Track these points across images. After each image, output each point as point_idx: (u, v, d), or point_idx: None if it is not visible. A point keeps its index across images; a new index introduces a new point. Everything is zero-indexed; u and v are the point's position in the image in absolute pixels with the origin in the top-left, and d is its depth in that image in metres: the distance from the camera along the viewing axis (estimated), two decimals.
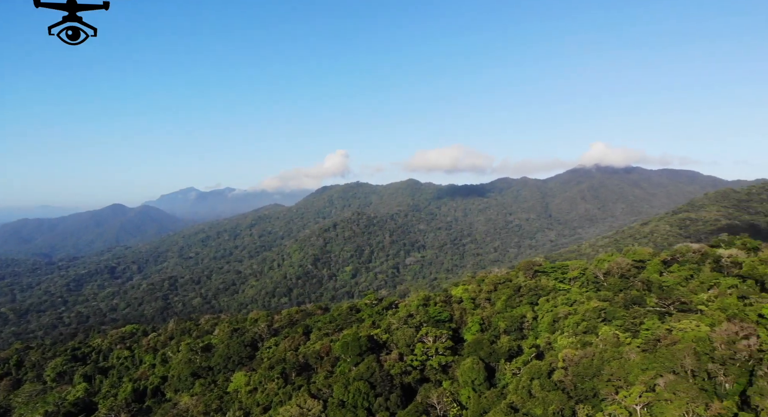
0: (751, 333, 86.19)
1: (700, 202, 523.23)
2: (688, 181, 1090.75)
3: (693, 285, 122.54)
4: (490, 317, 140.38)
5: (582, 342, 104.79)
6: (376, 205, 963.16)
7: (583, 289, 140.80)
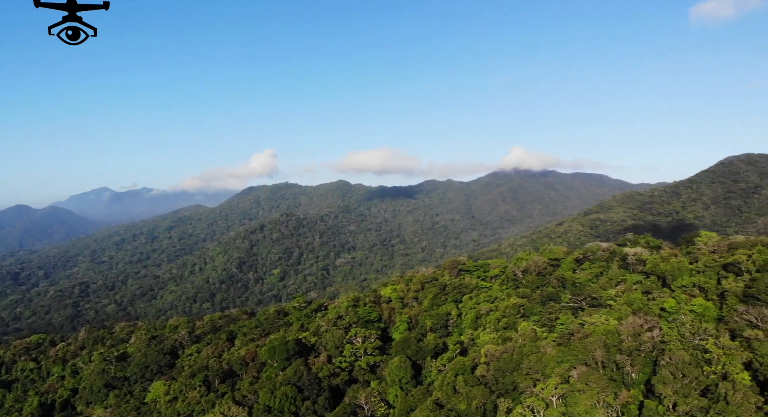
0: (654, 325, 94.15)
1: (608, 204, 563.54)
2: (598, 184, 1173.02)
3: (602, 281, 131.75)
4: (418, 316, 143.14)
5: (503, 337, 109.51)
6: (305, 207, 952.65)
7: (503, 286, 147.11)
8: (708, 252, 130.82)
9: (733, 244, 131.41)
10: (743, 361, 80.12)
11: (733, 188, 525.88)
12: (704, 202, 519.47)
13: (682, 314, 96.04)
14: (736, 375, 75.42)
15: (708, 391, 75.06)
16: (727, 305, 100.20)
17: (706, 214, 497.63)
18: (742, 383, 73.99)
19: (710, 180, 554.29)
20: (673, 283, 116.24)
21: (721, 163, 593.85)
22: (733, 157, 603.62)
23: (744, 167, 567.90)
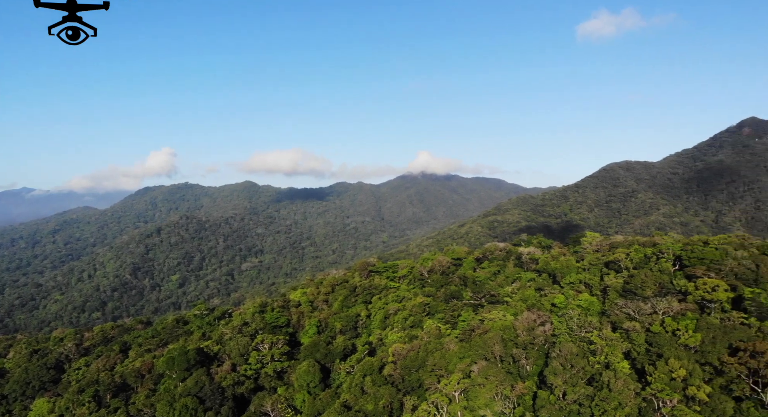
0: (546, 320, 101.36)
1: (505, 207, 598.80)
2: (496, 188, 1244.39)
3: (500, 279, 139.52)
4: (328, 318, 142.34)
5: (409, 336, 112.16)
6: (208, 208, 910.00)
7: (411, 286, 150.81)
8: (592, 251, 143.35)
9: (613, 244, 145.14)
10: (623, 350, 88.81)
11: (613, 192, 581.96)
12: (589, 205, 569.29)
13: (570, 309, 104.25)
14: (617, 364, 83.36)
15: (593, 380, 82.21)
16: (609, 300, 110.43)
17: (590, 215, 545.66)
18: (622, 371, 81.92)
19: (594, 185, 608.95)
20: (562, 280, 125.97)
21: (604, 169, 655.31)
22: (613, 163, 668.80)
23: (623, 173, 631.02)
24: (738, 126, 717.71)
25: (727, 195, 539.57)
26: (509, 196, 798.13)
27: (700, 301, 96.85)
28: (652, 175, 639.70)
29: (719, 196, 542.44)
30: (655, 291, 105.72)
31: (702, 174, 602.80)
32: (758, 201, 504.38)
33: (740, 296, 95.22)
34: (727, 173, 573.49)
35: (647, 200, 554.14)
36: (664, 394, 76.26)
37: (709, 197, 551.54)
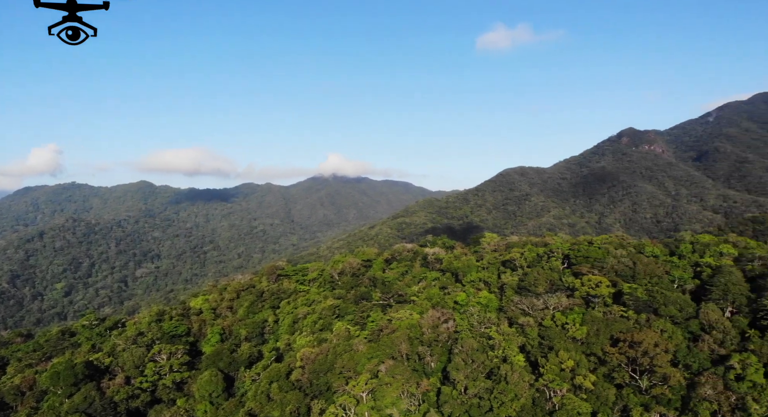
0: (449, 317, 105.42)
1: (413, 209, 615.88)
2: (404, 190, 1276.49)
3: (407, 279, 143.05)
4: (232, 326, 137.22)
5: (318, 339, 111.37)
6: (98, 210, 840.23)
7: (321, 288, 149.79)
8: (491, 251, 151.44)
9: (509, 244, 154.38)
10: (519, 344, 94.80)
11: (509, 196, 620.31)
12: (488, 207, 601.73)
13: (471, 306, 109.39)
14: (513, 357, 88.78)
15: (492, 374, 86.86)
16: (506, 296, 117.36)
17: (489, 217, 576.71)
18: (518, 364, 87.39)
19: (492, 188, 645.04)
20: (464, 278, 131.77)
21: (500, 174, 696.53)
22: (509, 169, 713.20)
23: (518, 178, 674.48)
24: (618, 135, 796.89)
25: (608, 198, 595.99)
26: (416, 199, 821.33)
27: (586, 297, 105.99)
28: (543, 180, 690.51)
29: (602, 200, 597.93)
30: (547, 288, 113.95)
31: (587, 179, 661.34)
32: (635, 204, 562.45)
33: (620, 291, 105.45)
34: (609, 178, 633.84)
35: (539, 203, 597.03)
36: (554, 384, 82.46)
37: (593, 200, 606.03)
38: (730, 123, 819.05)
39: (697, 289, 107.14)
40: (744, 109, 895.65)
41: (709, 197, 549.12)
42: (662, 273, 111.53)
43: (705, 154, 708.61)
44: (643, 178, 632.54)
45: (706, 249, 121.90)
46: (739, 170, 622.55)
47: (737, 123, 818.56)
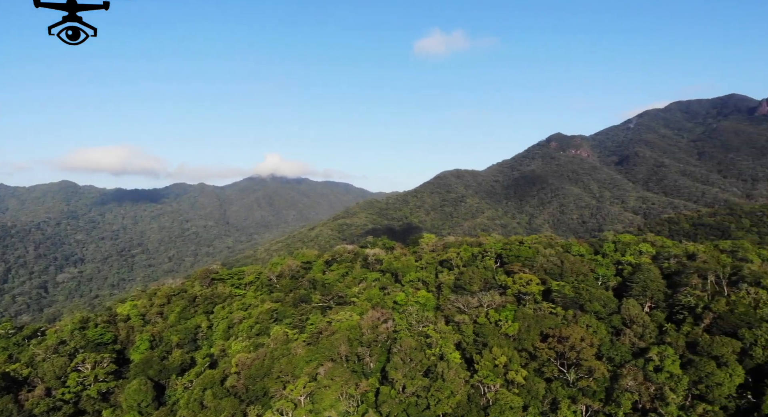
0: (388, 317, 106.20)
1: (353, 210, 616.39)
2: (344, 191, 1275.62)
3: (348, 280, 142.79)
4: (162, 332, 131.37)
5: (255, 344, 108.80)
6: (15, 212, 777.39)
7: (258, 292, 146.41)
8: (429, 251, 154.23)
9: (446, 244, 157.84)
10: (455, 342, 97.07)
11: (446, 197, 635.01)
12: (426, 208, 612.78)
13: (410, 305, 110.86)
14: (450, 355, 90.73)
15: (429, 372, 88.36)
16: (443, 295, 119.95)
17: (427, 218, 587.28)
18: (454, 362, 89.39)
19: (430, 190, 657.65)
20: (403, 278, 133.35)
21: (438, 176, 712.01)
22: (446, 171, 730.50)
23: (454, 180, 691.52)
24: (547, 140, 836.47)
25: (538, 200, 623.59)
26: (357, 200, 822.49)
27: (517, 294, 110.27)
28: (478, 183, 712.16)
29: (532, 201, 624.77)
30: (481, 286, 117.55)
31: (518, 182, 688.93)
32: (562, 205, 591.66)
33: (549, 289, 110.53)
34: (538, 181, 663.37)
35: (474, 205, 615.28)
36: (488, 379, 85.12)
37: (524, 202, 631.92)
38: (649, 129, 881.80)
39: (619, 285, 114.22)
40: (661, 116, 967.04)
41: (630, 199, 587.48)
42: (587, 271, 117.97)
43: (626, 158, 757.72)
44: (570, 180, 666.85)
45: (627, 248, 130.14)
46: (656, 174, 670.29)
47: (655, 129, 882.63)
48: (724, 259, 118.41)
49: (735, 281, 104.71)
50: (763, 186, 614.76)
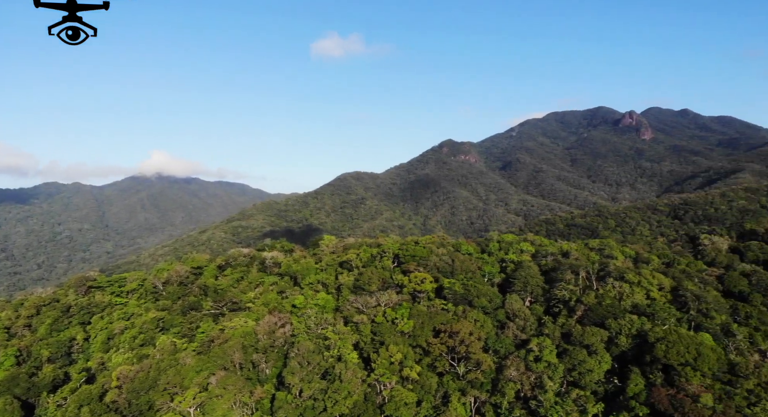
0: (286, 322, 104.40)
1: (249, 212, 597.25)
2: (240, 192, 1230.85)
3: (243, 285, 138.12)
4: (31, 346, 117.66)
5: (139, 356, 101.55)
6: None
7: (141, 300, 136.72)
8: (329, 253, 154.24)
9: (346, 246, 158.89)
10: (353, 342, 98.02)
11: (347, 199, 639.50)
12: (326, 210, 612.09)
13: (308, 308, 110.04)
14: (348, 355, 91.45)
15: (327, 374, 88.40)
16: (342, 296, 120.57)
17: (328, 220, 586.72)
18: (352, 362, 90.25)
19: (331, 192, 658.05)
20: (302, 281, 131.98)
21: (338, 178, 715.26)
22: (347, 173, 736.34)
23: (354, 182, 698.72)
24: (439, 146, 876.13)
25: (432, 202, 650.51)
26: (254, 202, 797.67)
27: (413, 292, 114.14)
28: (377, 185, 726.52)
29: (426, 204, 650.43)
30: (379, 286, 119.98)
31: (414, 185, 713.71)
32: (453, 207, 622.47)
33: (441, 286, 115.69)
34: (432, 184, 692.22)
35: (374, 206, 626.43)
36: (385, 377, 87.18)
37: (419, 204, 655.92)
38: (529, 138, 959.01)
39: (503, 282, 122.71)
40: (539, 125, 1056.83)
41: (512, 202, 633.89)
42: (475, 268, 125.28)
43: (509, 164, 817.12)
44: (460, 184, 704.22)
45: (510, 247, 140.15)
46: (535, 178, 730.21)
47: (534, 138, 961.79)
48: (593, 257, 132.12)
49: (602, 276, 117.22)
50: (625, 190, 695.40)
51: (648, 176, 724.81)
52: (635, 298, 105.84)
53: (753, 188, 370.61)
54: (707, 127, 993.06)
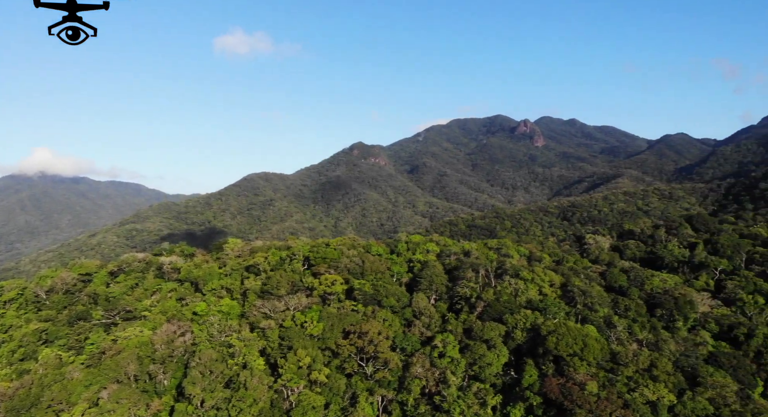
0: (186, 330, 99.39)
1: (145, 214, 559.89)
2: (135, 193, 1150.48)
3: (138, 293, 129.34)
4: None
5: (19, 371, 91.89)
6: None
7: (21, 311, 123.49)
8: (234, 256, 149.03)
9: (253, 249, 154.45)
10: (260, 348, 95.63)
11: (254, 201, 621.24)
12: (232, 212, 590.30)
13: (211, 315, 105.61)
14: (253, 362, 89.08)
15: (231, 382, 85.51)
16: (248, 302, 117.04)
17: (233, 222, 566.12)
18: (258, 369, 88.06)
19: (237, 193, 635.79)
20: (204, 287, 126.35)
21: (245, 178, 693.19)
22: (254, 174, 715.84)
23: (262, 183, 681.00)
24: (350, 148, 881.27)
25: (343, 204, 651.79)
26: (150, 203, 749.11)
27: (323, 295, 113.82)
28: (287, 186, 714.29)
29: (337, 205, 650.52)
30: (289, 289, 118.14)
31: (325, 187, 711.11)
32: (364, 209, 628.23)
33: (351, 287, 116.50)
34: (343, 186, 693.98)
35: (283, 208, 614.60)
36: (292, 382, 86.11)
37: (330, 206, 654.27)
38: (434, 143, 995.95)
39: (411, 281, 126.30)
40: (444, 131, 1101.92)
41: (419, 204, 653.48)
42: (385, 269, 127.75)
43: (416, 167, 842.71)
44: (371, 186, 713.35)
45: (417, 247, 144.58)
46: (440, 182, 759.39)
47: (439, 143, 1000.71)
48: (492, 256, 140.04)
49: (500, 274, 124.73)
50: (520, 193, 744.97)
51: (540, 180, 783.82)
52: (529, 294, 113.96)
53: (631, 192, 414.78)
54: (592, 136, 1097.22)
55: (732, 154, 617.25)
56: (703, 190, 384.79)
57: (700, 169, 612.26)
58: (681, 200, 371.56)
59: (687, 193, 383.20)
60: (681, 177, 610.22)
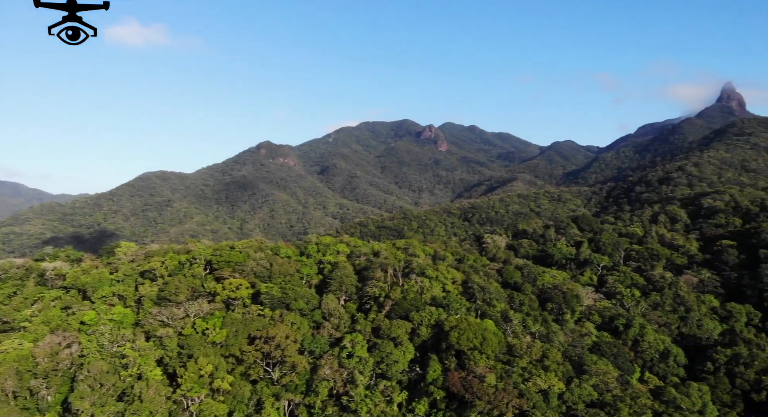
0: (73, 341, 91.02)
1: (25, 216, 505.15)
2: (12, 193, 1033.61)
3: (16, 302, 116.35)
4: None
5: None
6: None
7: None
8: (128, 261, 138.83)
9: (149, 253, 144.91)
10: (156, 358, 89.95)
11: (150, 201, 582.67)
12: (125, 213, 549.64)
13: (102, 324, 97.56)
14: (149, 373, 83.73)
15: (125, 394, 79.78)
16: (144, 309, 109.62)
17: (126, 225, 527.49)
18: (154, 379, 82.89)
19: (130, 193, 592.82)
20: (94, 294, 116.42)
21: (140, 178, 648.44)
22: (150, 173, 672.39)
23: (159, 183, 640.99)
24: (257, 147, 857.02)
25: (249, 205, 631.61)
26: (30, 204, 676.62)
27: (227, 300, 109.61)
28: (186, 186, 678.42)
29: (243, 206, 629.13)
30: (188, 295, 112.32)
31: (229, 187, 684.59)
32: (272, 210, 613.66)
33: (258, 291, 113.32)
34: (249, 187, 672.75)
35: (182, 209, 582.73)
36: (192, 392, 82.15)
37: (235, 207, 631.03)
38: (344, 144, 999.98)
39: (321, 283, 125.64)
40: (354, 133, 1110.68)
41: (330, 205, 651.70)
42: (294, 271, 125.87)
43: (327, 169, 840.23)
44: (279, 187, 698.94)
45: (327, 249, 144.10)
46: (350, 183, 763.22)
47: (349, 145, 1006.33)
48: (400, 255, 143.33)
49: (407, 273, 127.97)
50: (426, 195, 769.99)
51: (444, 183, 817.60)
52: (434, 291, 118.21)
53: (524, 194, 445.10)
54: (490, 142, 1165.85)
55: (612, 161, 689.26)
56: (588, 193, 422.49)
57: (584, 174, 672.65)
58: (568, 202, 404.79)
59: (573, 196, 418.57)
60: (568, 181, 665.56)
